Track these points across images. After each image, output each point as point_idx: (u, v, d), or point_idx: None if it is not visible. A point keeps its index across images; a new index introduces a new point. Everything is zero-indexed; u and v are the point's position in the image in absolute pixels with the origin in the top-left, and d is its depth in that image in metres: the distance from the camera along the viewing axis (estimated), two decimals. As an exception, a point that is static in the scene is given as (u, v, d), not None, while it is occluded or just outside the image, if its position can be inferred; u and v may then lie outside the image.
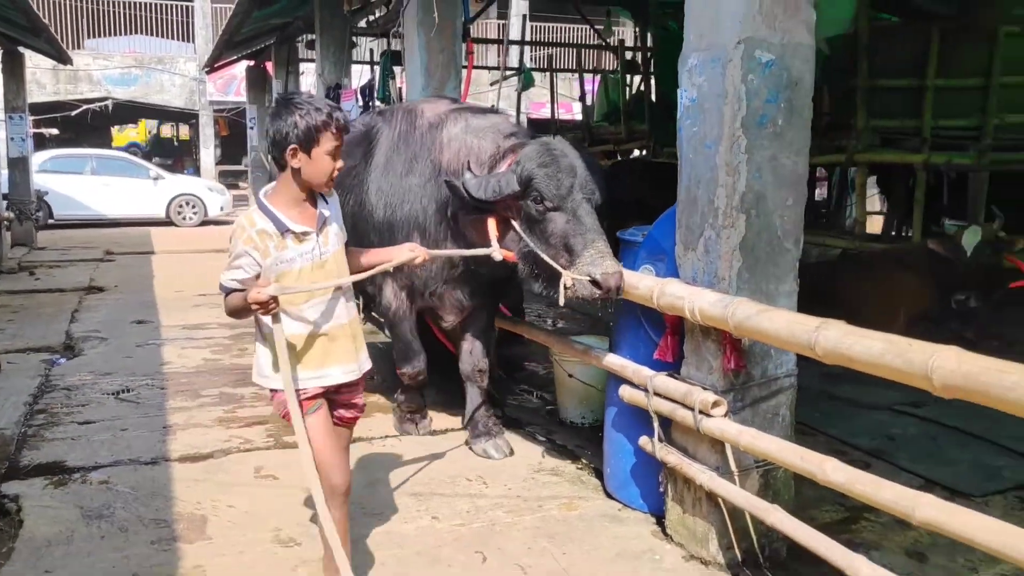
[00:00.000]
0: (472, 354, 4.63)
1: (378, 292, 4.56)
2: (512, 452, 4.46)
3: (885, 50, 7.75)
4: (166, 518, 3.71)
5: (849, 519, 3.74)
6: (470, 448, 4.54)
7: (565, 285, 3.48)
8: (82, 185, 18.32)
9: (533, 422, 5.06)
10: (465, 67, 6.48)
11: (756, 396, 3.15)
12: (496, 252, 3.72)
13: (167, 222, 18.43)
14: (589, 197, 3.62)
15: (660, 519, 3.65)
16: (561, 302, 3.52)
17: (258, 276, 2.72)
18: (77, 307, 8.89)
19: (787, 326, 2.73)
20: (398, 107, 4.78)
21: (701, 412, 3.08)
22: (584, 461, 4.42)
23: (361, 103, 9.18)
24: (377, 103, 9.20)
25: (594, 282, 3.41)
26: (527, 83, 12.07)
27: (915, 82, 7.58)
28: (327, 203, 2.86)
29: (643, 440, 3.52)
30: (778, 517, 2.98)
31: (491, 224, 3.81)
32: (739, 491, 3.09)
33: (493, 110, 4.63)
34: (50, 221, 17.74)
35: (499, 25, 25.81)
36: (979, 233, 6.53)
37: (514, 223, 3.75)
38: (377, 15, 11.12)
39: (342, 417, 2.99)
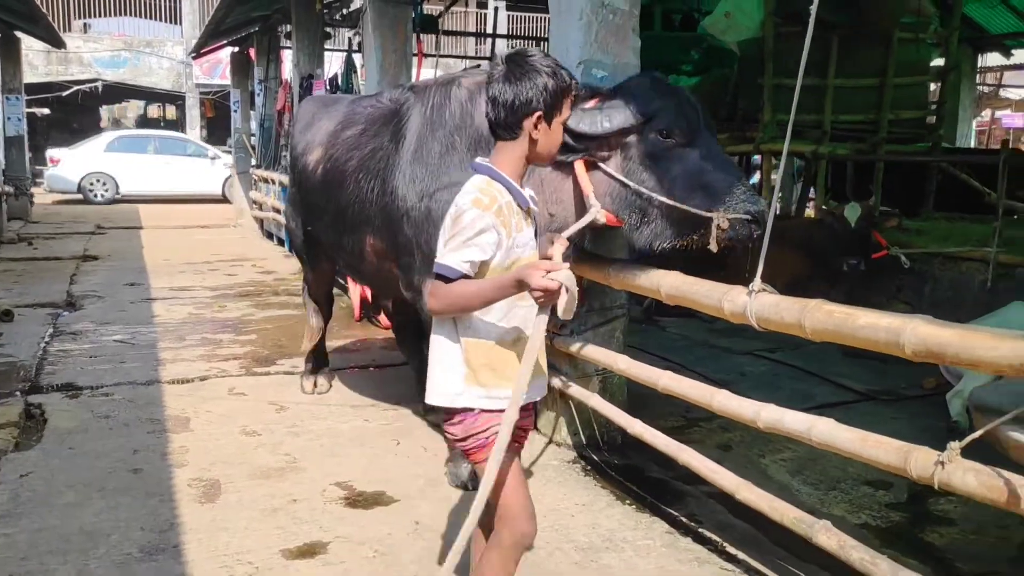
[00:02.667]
0: None
1: (417, 295, 3.86)
2: None
3: (791, 53, 8.85)
4: (159, 418, 4.81)
5: (686, 426, 4.85)
6: None
7: (720, 227, 3.12)
8: (145, 164, 19.87)
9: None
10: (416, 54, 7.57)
11: (595, 322, 4.27)
12: (599, 213, 3.29)
13: (223, 199, 19.57)
14: (714, 134, 3.34)
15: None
16: (714, 247, 3.18)
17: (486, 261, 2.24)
18: (75, 272, 9.96)
19: (644, 275, 3.52)
20: (432, 81, 4.14)
21: (553, 332, 4.19)
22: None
23: (331, 92, 10.21)
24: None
25: (754, 220, 3.15)
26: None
27: (817, 81, 8.64)
28: None
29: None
30: (611, 410, 4.10)
31: (581, 171, 3.35)
32: (580, 390, 4.21)
33: None
34: (116, 196, 19.63)
35: (477, 15, 26.81)
36: (858, 209, 7.65)
37: (607, 168, 3.33)
38: (351, 8, 12.19)
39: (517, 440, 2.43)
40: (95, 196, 19.69)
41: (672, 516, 3.64)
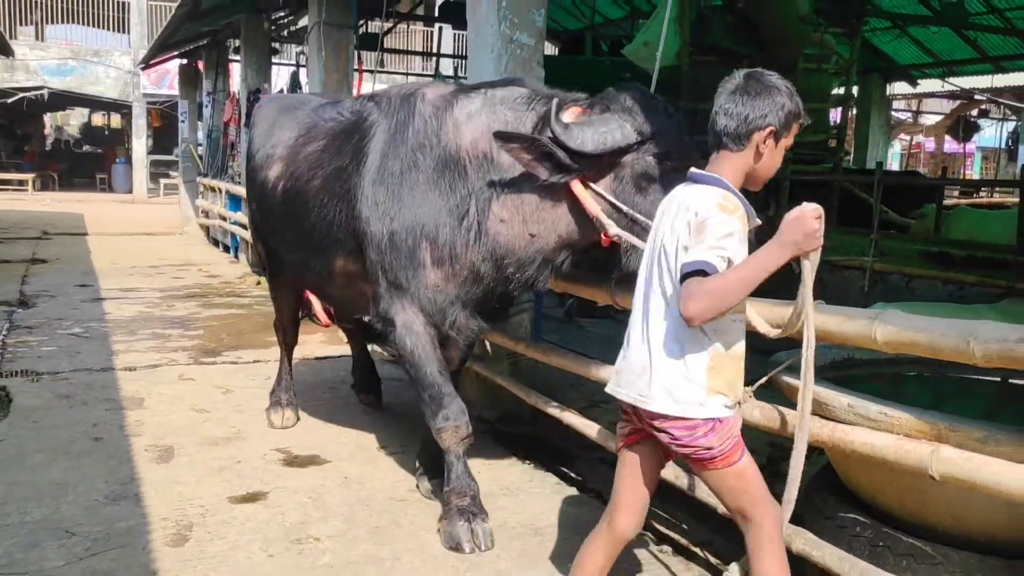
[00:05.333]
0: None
1: (389, 326, 3.68)
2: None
3: (704, 79, 9.66)
4: (115, 398, 5.33)
5: (590, 406, 5.50)
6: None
7: None
8: None
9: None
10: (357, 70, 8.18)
11: (509, 315, 4.93)
12: (612, 227, 3.11)
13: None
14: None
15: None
16: None
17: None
18: (25, 274, 10.35)
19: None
20: (394, 91, 3.88)
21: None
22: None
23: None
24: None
25: None
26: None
27: (728, 106, 9.43)
28: None
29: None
30: (516, 387, 4.75)
31: (580, 191, 3.13)
32: (493, 370, 4.86)
33: (508, 80, 3.77)
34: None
35: (424, 33, 27.47)
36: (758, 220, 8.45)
37: (598, 189, 3.14)
38: (299, 26, 12.78)
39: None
40: None
41: (563, 472, 4.31)
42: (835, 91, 10.61)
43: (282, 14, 12.01)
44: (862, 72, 13.44)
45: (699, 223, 2.23)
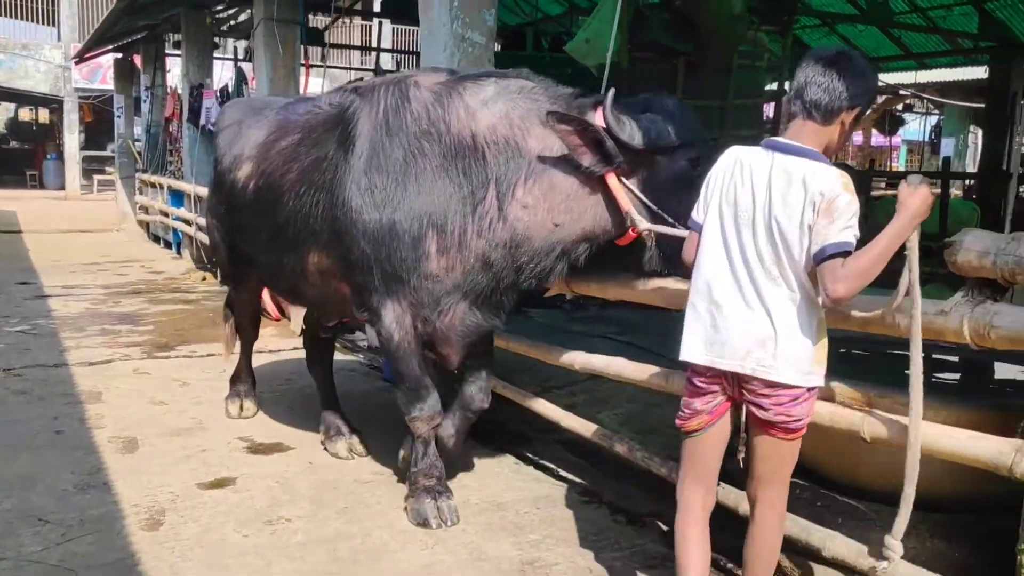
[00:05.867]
0: (480, 389, 3.87)
1: (376, 321, 3.67)
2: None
3: (643, 76, 9.93)
4: (72, 393, 5.36)
5: (543, 391, 5.71)
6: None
7: None
8: None
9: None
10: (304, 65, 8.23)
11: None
12: (643, 222, 3.19)
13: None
14: None
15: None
16: None
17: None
18: (-38, 272, 10.15)
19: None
20: (377, 80, 3.89)
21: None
22: (376, 365, 6.33)
23: (221, 102, 10.73)
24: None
25: None
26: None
27: (667, 102, 9.71)
28: None
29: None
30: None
31: (615, 184, 3.19)
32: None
33: (510, 72, 3.74)
34: None
35: (362, 27, 27.37)
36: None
37: (631, 186, 3.20)
38: (239, 20, 12.72)
39: None
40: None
41: (520, 452, 4.51)
42: (768, 87, 11.02)
43: (221, 7, 11.94)
44: (793, 69, 13.89)
45: (828, 204, 2.25)
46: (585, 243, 3.37)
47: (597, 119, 3.19)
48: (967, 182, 14.59)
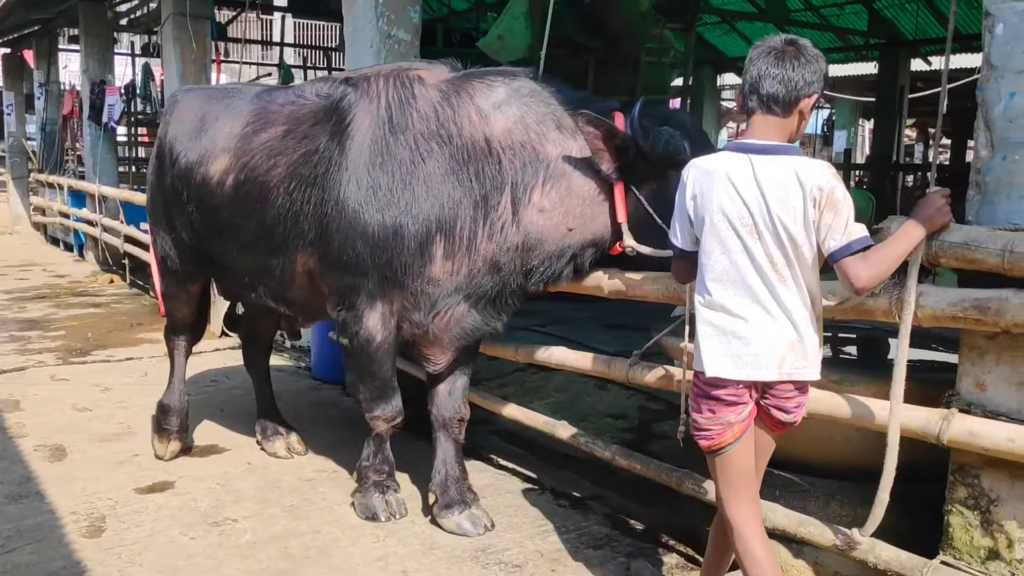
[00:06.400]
0: (452, 395, 3.77)
1: (356, 320, 3.52)
2: (493, 525, 3.58)
3: (555, 72, 10.09)
4: (-12, 402, 5.18)
5: (474, 383, 5.80)
6: (438, 523, 3.61)
7: None
8: None
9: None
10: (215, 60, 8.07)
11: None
12: (629, 237, 3.20)
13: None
14: None
15: (344, 385, 5.59)
16: None
17: None
18: None
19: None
20: (371, 72, 3.67)
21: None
22: (304, 364, 6.29)
23: (125, 99, 10.42)
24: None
25: None
26: (286, 79, 13.64)
27: (577, 97, 9.89)
28: None
29: (331, 335, 5.42)
30: (407, 366, 4.96)
31: (620, 194, 3.20)
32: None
33: (516, 70, 3.62)
34: None
35: (262, 22, 26.81)
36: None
37: (640, 196, 3.18)
38: (139, 14, 12.33)
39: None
40: None
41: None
42: (674, 83, 11.34)
43: (121, 0, 11.57)
44: (696, 64, 14.32)
45: (828, 197, 2.23)
46: (593, 248, 3.34)
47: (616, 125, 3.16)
48: (858, 172, 15.33)
